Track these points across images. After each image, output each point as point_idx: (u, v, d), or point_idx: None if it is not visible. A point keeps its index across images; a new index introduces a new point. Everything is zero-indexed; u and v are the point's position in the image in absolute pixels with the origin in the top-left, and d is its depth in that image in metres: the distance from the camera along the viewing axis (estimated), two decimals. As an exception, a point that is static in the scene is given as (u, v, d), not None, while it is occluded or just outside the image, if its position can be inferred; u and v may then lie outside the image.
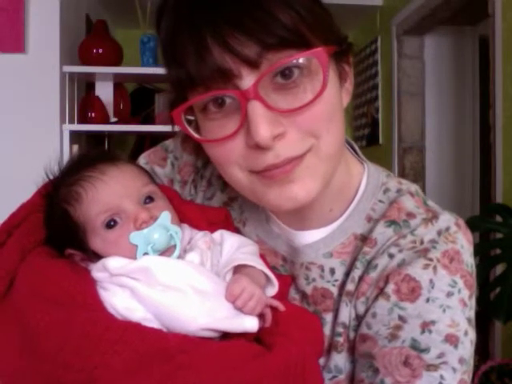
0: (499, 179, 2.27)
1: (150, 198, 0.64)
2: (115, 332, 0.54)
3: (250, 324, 0.57)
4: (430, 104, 3.22)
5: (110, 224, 0.61)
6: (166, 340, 0.54)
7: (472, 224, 0.68)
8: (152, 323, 0.57)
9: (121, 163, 0.66)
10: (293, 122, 0.54)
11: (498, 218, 1.90)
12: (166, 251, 0.61)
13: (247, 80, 0.52)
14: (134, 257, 0.60)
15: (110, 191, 0.62)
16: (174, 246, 0.61)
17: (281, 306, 0.61)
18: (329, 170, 0.59)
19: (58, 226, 0.64)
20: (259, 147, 0.53)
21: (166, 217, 0.62)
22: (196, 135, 0.57)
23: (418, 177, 3.18)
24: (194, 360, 0.53)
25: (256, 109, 0.52)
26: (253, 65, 0.51)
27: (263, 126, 0.51)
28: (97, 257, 0.62)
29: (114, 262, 0.59)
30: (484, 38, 2.95)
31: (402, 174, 3.11)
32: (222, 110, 0.54)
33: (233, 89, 0.52)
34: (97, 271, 0.60)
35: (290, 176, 0.56)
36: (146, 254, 0.60)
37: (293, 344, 0.57)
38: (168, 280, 0.58)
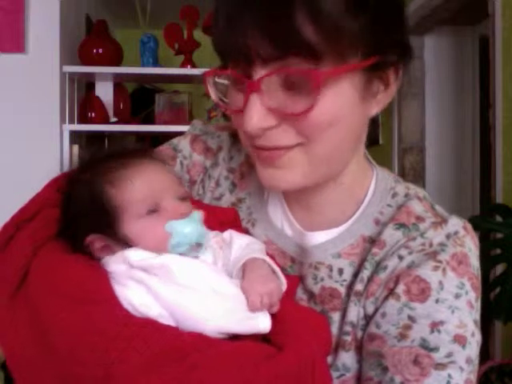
0: (499, 179, 2.27)
1: (183, 199, 0.66)
2: (133, 329, 0.54)
3: (264, 325, 0.58)
4: (430, 104, 3.22)
5: (152, 210, 0.63)
6: (182, 338, 0.55)
7: (472, 224, 0.68)
8: (167, 321, 0.57)
9: (163, 162, 0.70)
10: (287, 119, 0.57)
11: (498, 218, 1.90)
12: (193, 247, 0.62)
13: (258, 73, 0.55)
14: (164, 246, 0.61)
15: (157, 181, 0.65)
16: (200, 245, 0.63)
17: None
18: (316, 171, 0.61)
19: (87, 208, 0.64)
20: None
21: (199, 214, 0.65)
22: (219, 98, 0.62)
23: (417, 177, 3.18)
24: (208, 360, 0.53)
25: (253, 100, 0.56)
26: (264, 62, 0.54)
27: (254, 119, 0.56)
28: (122, 244, 0.62)
29: (136, 254, 0.60)
30: (484, 37, 2.95)
31: (402, 174, 3.11)
32: (243, 85, 0.58)
33: (247, 75, 0.56)
34: (114, 264, 0.60)
35: (276, 163, 0.60)
36: (178, 244, 0.61)
37: (302, 344, 0.57)
38: (187, 280, 0.59)
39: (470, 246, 0.63)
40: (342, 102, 0.57)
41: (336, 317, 0.64)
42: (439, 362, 0.56)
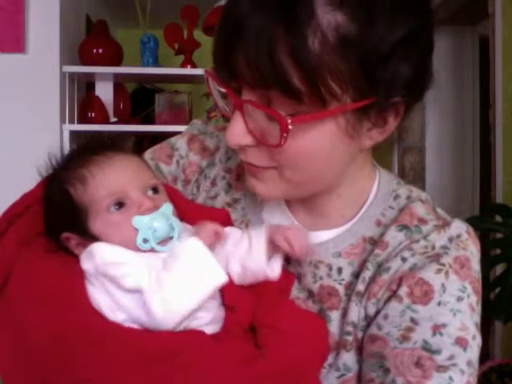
0: (499, 179, 2.27)
1: (154, 190, 0.65)
2: (93, 335, 0.54)
3: (215, 280, 0.58)
4: (430, 104, 3.21)
5: (115, 207, 0.62)
6: (147, 344, 0.54)
7: (472, 224, 0.68)
8: (134, 324, 0.57)
9: (128, 152, 0.67)
10: (262, 144, 0.58)
11: (498, 218, 1.90)
12: (163, 241, 0.62)
13: (245, 94, 0.56)
14: (132, 242, 0.60)
15: (118, 177, 0.63)
16: (171, 238, 0.62)
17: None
18: (295, 190, 0.63)
19: (57, 207, 0.64)
20: None
21: (168, 207, 0.63)
22: (220, 103, 0.63)
23: (417, 177, 3.18)
24: (181, 364, 0.53)
25: (236, 117, 0.58)
26: (250, 87, 0.55)
27: (233, 135, 0.58)
28: (94, 241, 0.62)
29: (100, 251, 0.59)
30: (484, 38, 2.95)
31: (402, 174, 3.11)
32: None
33: (236, 92, 0.57)
34: (84, 260, 0.60)
35: (256, 175, 0.63)
36: (145, 239, 0.60)
37: (286, 348, 0.57)
38: (130, 285, 0.57)
39: (472, 249, 0.63)
40: (320, 140, 0.56)
41: (334, 315, 0.64)
42: (441, 364, 0.56)
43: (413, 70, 0.55)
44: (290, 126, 0.53)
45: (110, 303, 0.58)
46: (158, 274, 0.58)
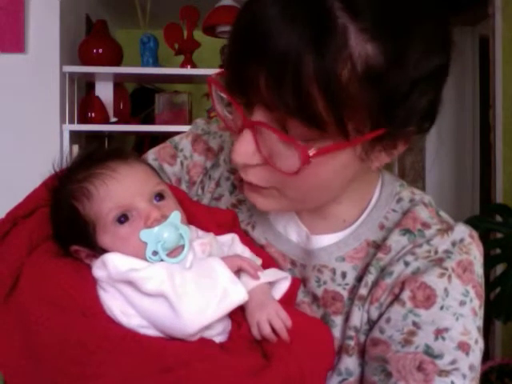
0: (499, 179, 2.27)
1: (160, 196, 0.64)
2: (113, 341, 0.54)
3: (240, 296, 0.58)
4: (429, 104, 3.20)
5: (121, 220, 0.61)
6: (163, 352, 0.54)
7: (472, 224, 0.68)
8: (149, 330, 0.57)
9: (131, 161, 0.66)
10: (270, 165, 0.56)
11: (498, 218, 1.90)
12: (174, 251, 0.61)
13: (258, 113, 0.54)
14: (142, 254, 0.60)
15: (122, 189, 0.62)
16: (183, 246, 0.61)
17: (288, 322, 0.60)
18: (296, 206, 0.64)
19: (64, 222, 0.64)
20: None
21: (176, 216, 0.62)
22: (222, 110, 0.60)
23: (417, 177, 3.18)
24: (190, 375, 0.53)
25: (246, 136, 0.56)
26: (266, 107, 0.53)
27: (240, 153, 0.56)
28: (104, 253, 0.61)
29: (113, 260, 0.59)
30: (484, 37, 2.95)
31: (402, 174, 3.11)
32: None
33: (248, 107, 0.55)
34: (97, 268, 0.60)
35: (256, 190, 0.61)
36: (155, 252, 0.60)
37: (293, 358, 0.57)
38: (155, 289, 0.57)
39: (476, 253, 0.63)
40: (335, 168, 0.56)
41: (338, 320, 0.64)
42: (443, 368, 0.56)
43: (430, 102, 0.55)
44: (311, 160, 0.52)
45: (125, 308, 0.57)
46: (183, 278, 0.58)
